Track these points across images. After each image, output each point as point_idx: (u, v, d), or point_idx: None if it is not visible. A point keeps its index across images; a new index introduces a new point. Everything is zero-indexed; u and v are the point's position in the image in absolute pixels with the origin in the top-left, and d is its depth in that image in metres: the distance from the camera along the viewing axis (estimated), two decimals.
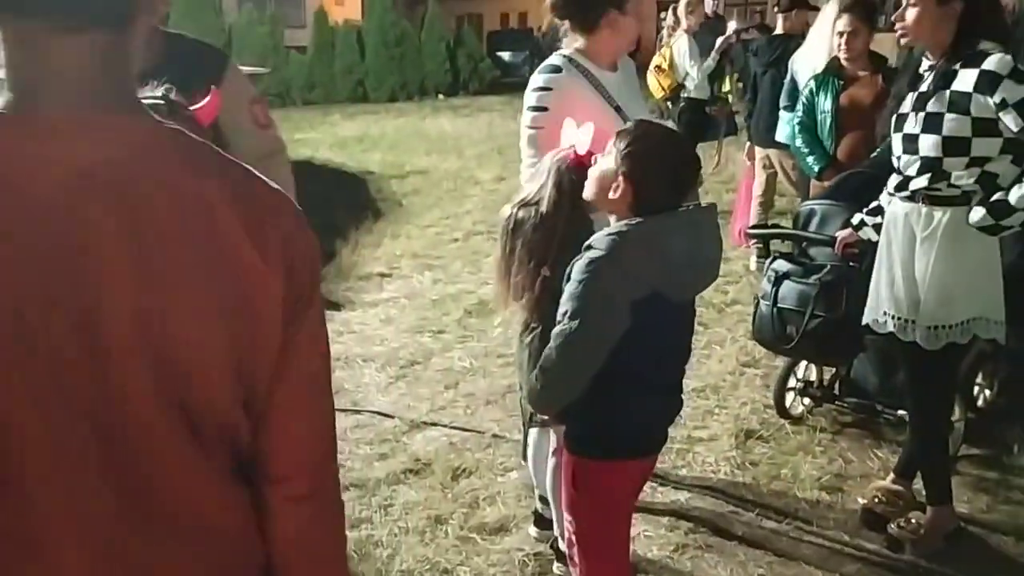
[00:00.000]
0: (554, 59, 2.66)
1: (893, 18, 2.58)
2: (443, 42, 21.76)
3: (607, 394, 1.88)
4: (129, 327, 0.88)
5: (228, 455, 1.00)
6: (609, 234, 1.86)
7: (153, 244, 0.88)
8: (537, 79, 2.63)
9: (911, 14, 2.57)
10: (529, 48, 26.21)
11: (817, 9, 6.19)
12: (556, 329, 1.88)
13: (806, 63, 4.81)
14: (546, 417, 2.33)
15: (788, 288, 3.34)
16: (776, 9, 6.18)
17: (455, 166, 10.14)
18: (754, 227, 5.47)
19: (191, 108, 1.48)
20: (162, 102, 1.39)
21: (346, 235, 6.77)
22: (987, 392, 3.72)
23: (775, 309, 3.34)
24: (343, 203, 7.82)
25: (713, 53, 7.15)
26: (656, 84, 7.03)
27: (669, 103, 7.17)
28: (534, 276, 2.23)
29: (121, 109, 0.92)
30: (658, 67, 7.04)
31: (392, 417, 3.83)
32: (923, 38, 2.61)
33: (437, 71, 21.46)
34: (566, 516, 2.09)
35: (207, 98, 1.53)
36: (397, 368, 4.39)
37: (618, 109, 2.60)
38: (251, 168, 0.99)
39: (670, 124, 2.35)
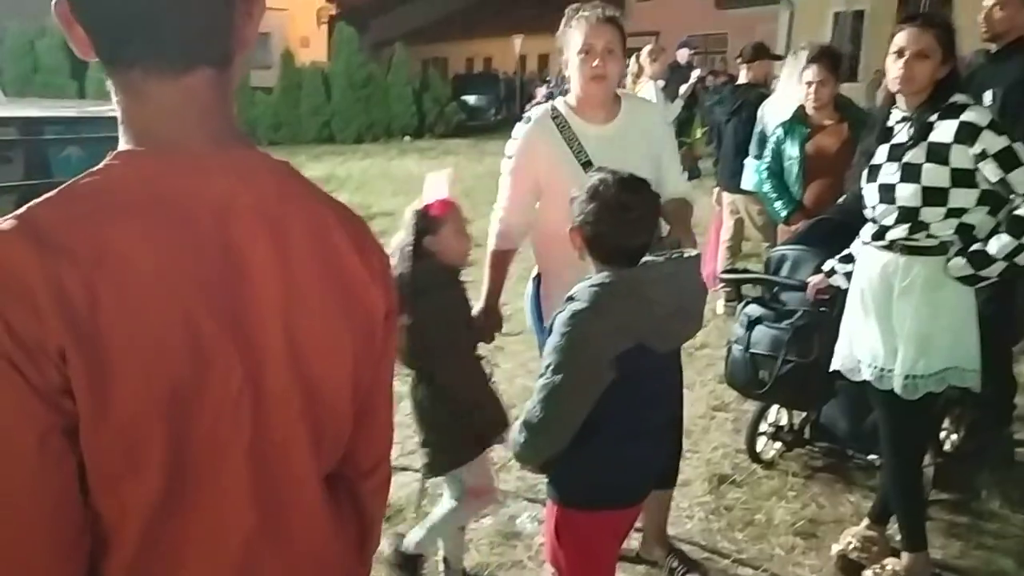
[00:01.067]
0: (536, 108, 2.74)
1: (901, 66, 2.59)
2: (409, 85, 21.96)
3: (593, 444, 1.86)
4: (280, 345, 0.95)
5: (328, 467, 1.08)
6: (591, 285, 1.84)
7: (295, 266, 0.96)
8: (515, 128, 2.75)
9: (919, 68, 2.57)
10: (494, 92, 26.61)
11: (779, 58, 6.36)
12: (539, 382, 1.86)
13: (776, 111, 4.90)
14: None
15: (761, 333, 3.35)
16: (739, 60, 6.32)
17: None
18: (727, 271, 5.52)
19: None
20: None
21: None
22: (954, 436, 3.75)
23: (748, 353, 3.35)
24: None
25: (678, 99, 7.29)
26: None
27: None
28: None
29: (237, 142, 0.99)
30: None
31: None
32: (918, 90, 2.61)
33: (403, 113, 21.62)
34: (549, 567, 2.05)
35: None
36: None
37: (587, 164, 2.55)
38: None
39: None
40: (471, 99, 25.32)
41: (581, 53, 2.54)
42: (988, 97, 3.56)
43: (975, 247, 2.56)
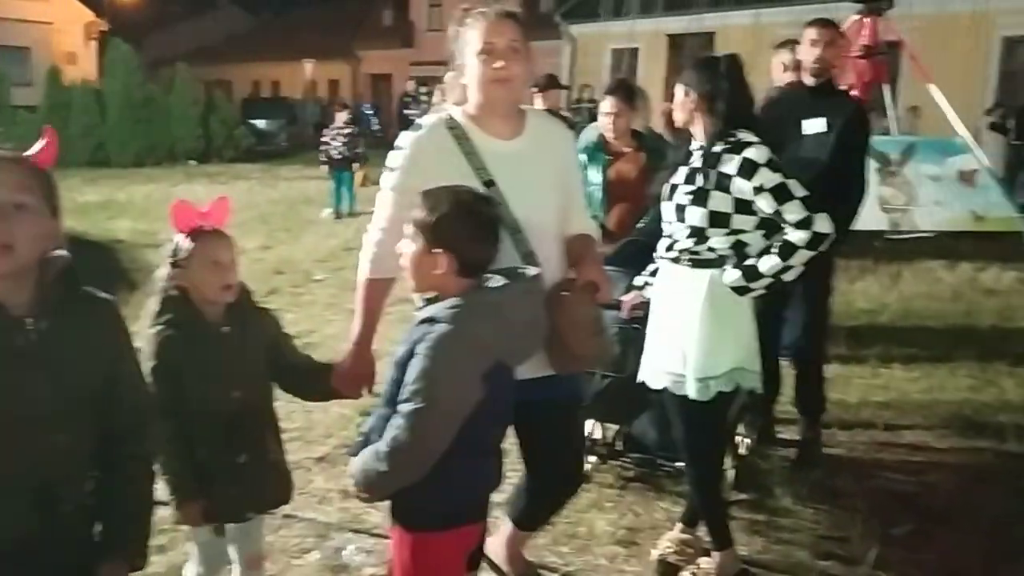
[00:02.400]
0: (429, 116, 2.44)
1: (663, 104, 2.88)
2: (194, 107, 20.95)
3: (447, 463, 1.84)
4: None
5: None
6: (452, 306, 1.81)
7: None
8: (399, 137, 2.39)
9: (677, 98, 2.93)
10: (285, 117, 25.98)
11: (567, 88, 6.71)
12: (404, 408, 1.79)
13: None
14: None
15: None
16: (534, 89, 6.60)
17: None
18: None
19: (26, 154, 1.57)
20: None
21: None
22: (748, 440, 4.06)
23: None
24: (89, 274, 7.15)
25: None
26: None
27: None
28: None
29: None
30: None
31: (166, 503, 3.50)
32: (690, 126, 2.96)
33: (187, 136, 20.59)
34: None
35: (43, 141, 1.58)
36: None
37: (490, 183, 2.26)
38: None
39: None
40: (261, 123, 24.59)
41: (481, 55, 2.24)
42: (820, 124, 3.91)
43: (748, 262, 2.84)
